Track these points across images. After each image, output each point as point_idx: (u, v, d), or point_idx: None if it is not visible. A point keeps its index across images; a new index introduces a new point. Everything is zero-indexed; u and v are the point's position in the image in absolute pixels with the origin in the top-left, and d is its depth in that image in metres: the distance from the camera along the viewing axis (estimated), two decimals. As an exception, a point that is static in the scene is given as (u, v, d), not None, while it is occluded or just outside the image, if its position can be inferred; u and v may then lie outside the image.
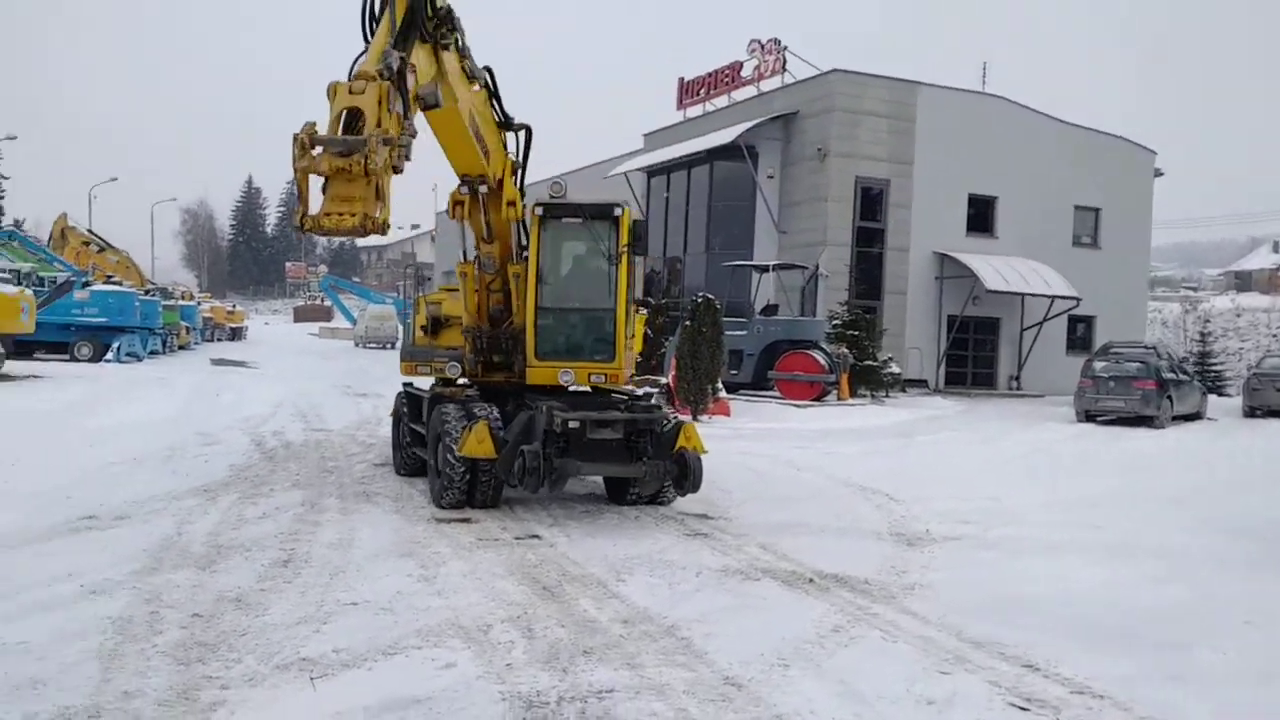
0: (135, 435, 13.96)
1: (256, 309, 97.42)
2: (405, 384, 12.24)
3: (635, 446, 9.90)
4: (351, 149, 7.32)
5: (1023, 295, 31.42)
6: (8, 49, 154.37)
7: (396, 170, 7.70)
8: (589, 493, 11.16)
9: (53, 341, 30.49)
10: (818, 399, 23.33)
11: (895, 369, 27.42)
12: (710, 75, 35.33)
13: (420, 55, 8.39)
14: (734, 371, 24.32)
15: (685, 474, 9.69)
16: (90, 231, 45.28)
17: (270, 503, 9.78)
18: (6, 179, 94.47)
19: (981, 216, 32.49)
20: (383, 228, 7.49)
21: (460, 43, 9.22)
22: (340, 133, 7.54)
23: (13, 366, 24.92)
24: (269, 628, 5.96)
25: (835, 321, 26.46)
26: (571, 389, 10.46)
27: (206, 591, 6.65)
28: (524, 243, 10.56)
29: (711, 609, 6.79)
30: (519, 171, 10.93)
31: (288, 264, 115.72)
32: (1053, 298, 31.27)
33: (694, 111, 36.40)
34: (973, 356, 33.35)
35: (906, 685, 5.45)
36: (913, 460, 15.42)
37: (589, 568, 7.73)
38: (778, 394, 23.94)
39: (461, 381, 11.19)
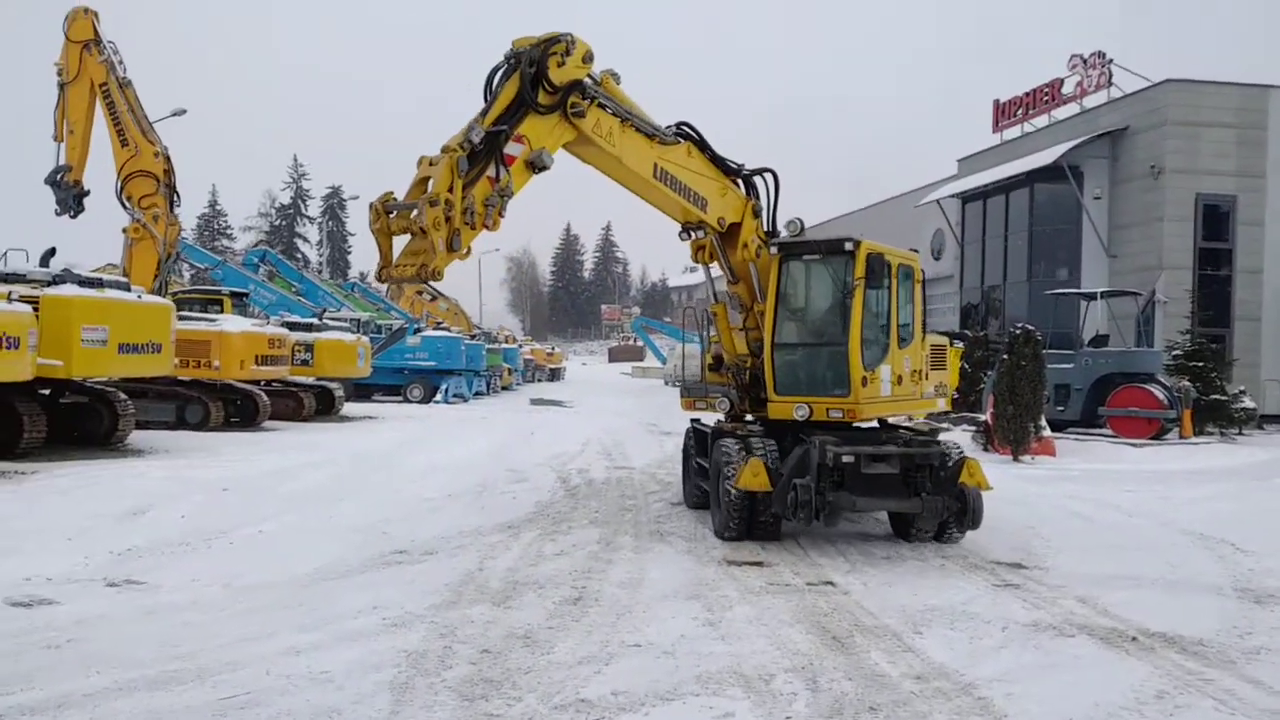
0: (453, 472, 14.80)
1: (574, 350, 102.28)
2: (693, 420, 12.34)
3: (913, 482, 9.79)
4: (407, 212, 8.67)
5: None
6: (354, 119, 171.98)
7: (472, 227, 8.94)
8: (888, 534, 10.65)
9: (388, 384, 33.31)
10: (1156, 437, 21.24)
11: (1249, 403, 24.57)
12: (1028, 95, 33.56)
13: (538, 126, 9.43)
14: (1060, 408, 22.63)
15: (965, 510, 9.73)
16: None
17: (568, 540, 9.98)
18: (353, 235, 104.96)
19: (1353, 231, 28.65)
20: (434, 274, 8.75)
21: (613, 109, 9.96)
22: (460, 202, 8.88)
23: (351, 408, 27.45)
24: (553, 666, 5.98)
25: (1175, 352, 24.14)
26: (856, 425, 10.48)
27: (498, 627, 6.79)
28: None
29: (1016, 667, 6.17)
30: (760, 215, 11.21)
31: (603, 307, 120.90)
32: None
33: (1011, 133, 34.68)
34: (1349, 390, 29.34)
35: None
36: (1267, 506, 13.54)
37: (884, 618, 7.27)
38: (1110, 432, 22.02)
39: (748, 418, 11.21)
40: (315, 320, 27.28)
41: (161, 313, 16.92)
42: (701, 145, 10.87)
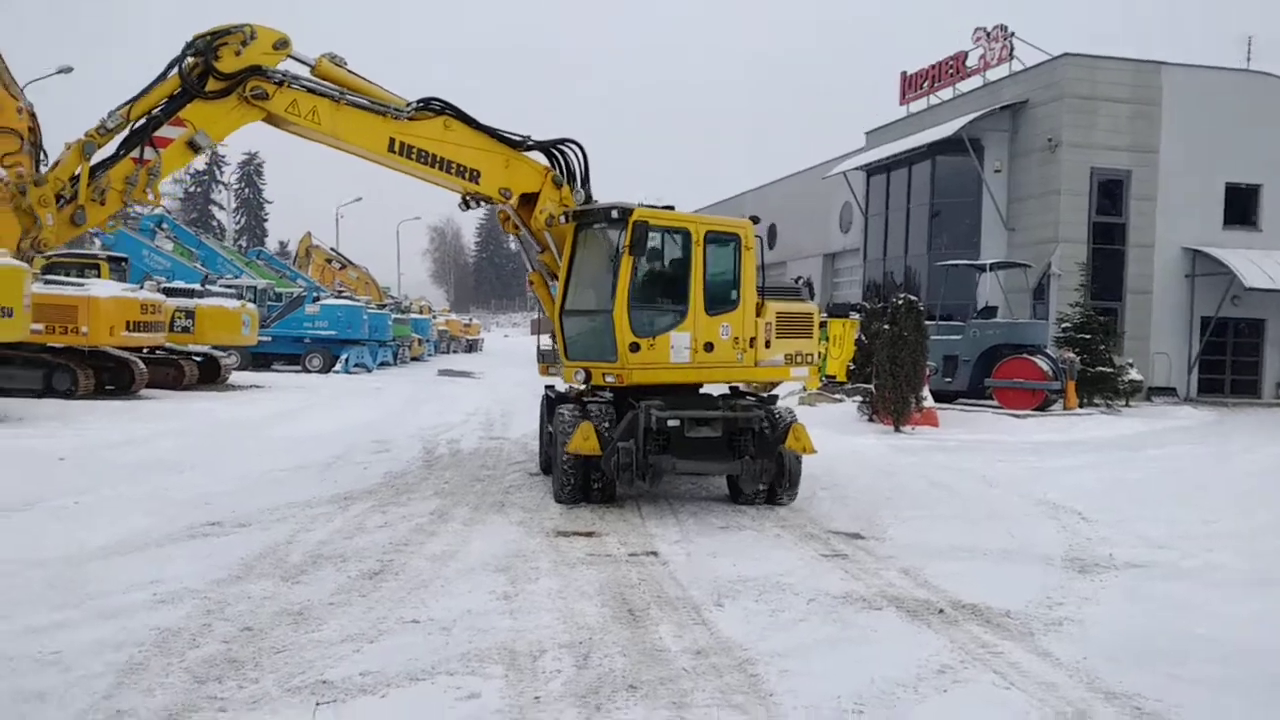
0: (315, 444, 14.26)
1: (497, 322, 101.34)
2: (547, 386, 12.26)
3: (737, 445, 10.05)
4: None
5: (1291, 293, 28.10)
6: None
7: (102, 204, 10.51)
8: (731, 503, 10.45)
9: (288, 353, 32.47)
10: (1040, 409, 21.41)
11: (1135, 375, 24.96)
12: (934, 67, 33.65)
13: (206, 111, 10.44)
14: (948, 379, 22.73)
15: (782, 473, 10.08)
16: (333, 250, 48.17)
17: (400, 511, 9.58)
18: (270, 203, 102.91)
19: (1242, 207, 29.36)
20: (41, 246, 10.63)
21: (322, 90, 10.60)
22: (88, 178, 10.56)
23: (241, 377, 26.61)
24: (312, 645, 5.60)
25: (1064, 324, 24.38)
26: (704, 390, 10.80)
27: (274, 603, 6.39)
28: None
29: (806, 642, 5.94)
30: (562, 185, 11.33)
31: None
32: (1330, 295, 27.83)
33: (917, 106, 34.76)
34: (1232, 362, 30.10)
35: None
36: (1129, 476, 13.61)
37: (691, 590, 7.01)
38: (996, 403, 22.18)
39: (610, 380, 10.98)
40: (197, 286, 26.33)
41: (13, 275, 15.90)
42: (462, 118, 11.05)
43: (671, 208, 10.55)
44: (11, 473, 10.78)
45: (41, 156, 20.02)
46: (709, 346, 10.21)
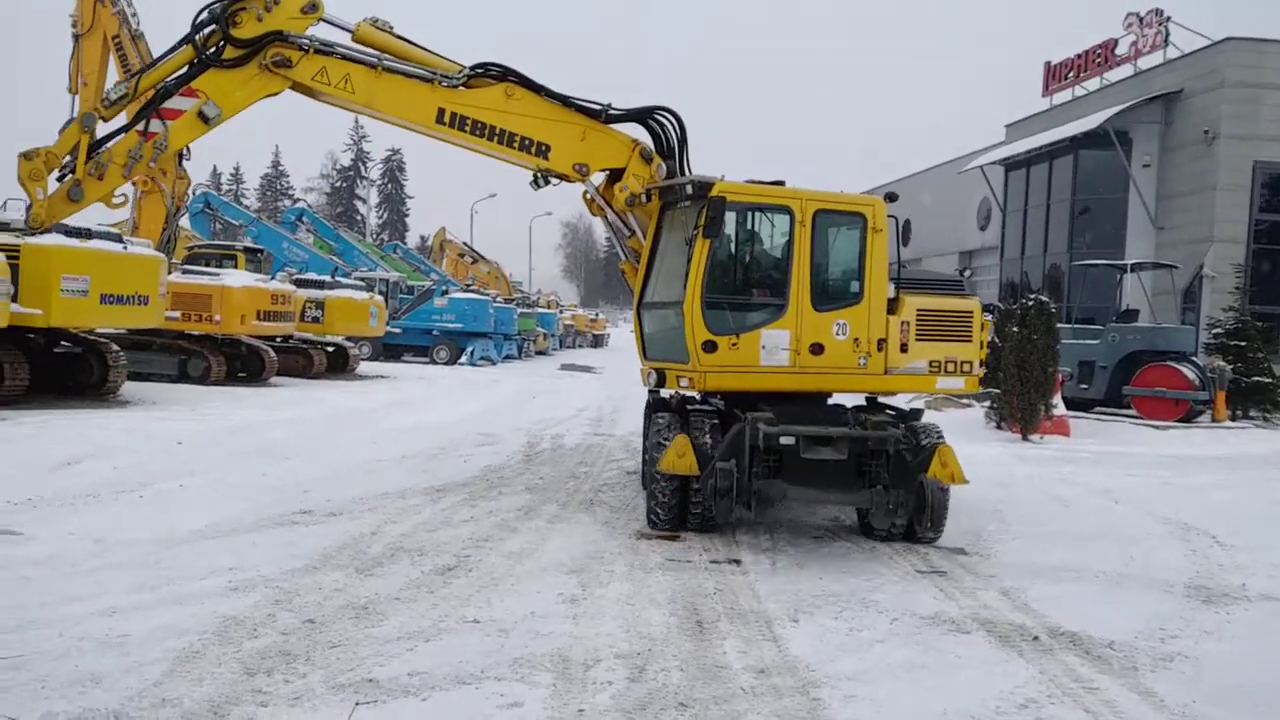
0: (423, 434, 14.40)
1: (625, 317, 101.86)
2: (650, 389, 11.52)
3: (868, 470, 8.32)
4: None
5: None
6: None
7: (100, 178, 10.88)
8: (846, 522, 10.00)
9: (418, 345, 33.20)
10: (1185, 420, 20.07)
11: (1302, 387, 23.18)
12: (1080, 56, 32.09)
13: (221, 80, 10.17)
14: (1084, 386, 21.53)
15: (922, 507, 8.21)
16: (466, 244, 49.14)
17: (488, 506, 9.51)
18: (411, 198, 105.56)
19: None
20: (34, 223, 11.38)
21: (357, 56, 10.06)
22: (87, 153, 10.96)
23: (370, 367, 27.24)
24: (368, 640, 5.52)
25: (1216, 330, 22.87)
26: (832, 400, 9.50)
27: (343, 596, 6.35)
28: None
29: (880, 665, 5.56)
30: (651, 159, 10.29)
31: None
32: None
33: (1062, 97, 33.22)
34: None
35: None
36: (1277, 496, 12.58)
37: (768, 602, 6.69)
38: (1136, 413, 20.93)
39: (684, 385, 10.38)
40: (327, 278, 27.09)
41: (149, 265, 16.64)
42: (528, 84, 10.20)
43: (781, 183, 9.10)
44: (134, 455, 11.11)
45: (185, 152, 20.96)
46: (817, 348, 8.68)
